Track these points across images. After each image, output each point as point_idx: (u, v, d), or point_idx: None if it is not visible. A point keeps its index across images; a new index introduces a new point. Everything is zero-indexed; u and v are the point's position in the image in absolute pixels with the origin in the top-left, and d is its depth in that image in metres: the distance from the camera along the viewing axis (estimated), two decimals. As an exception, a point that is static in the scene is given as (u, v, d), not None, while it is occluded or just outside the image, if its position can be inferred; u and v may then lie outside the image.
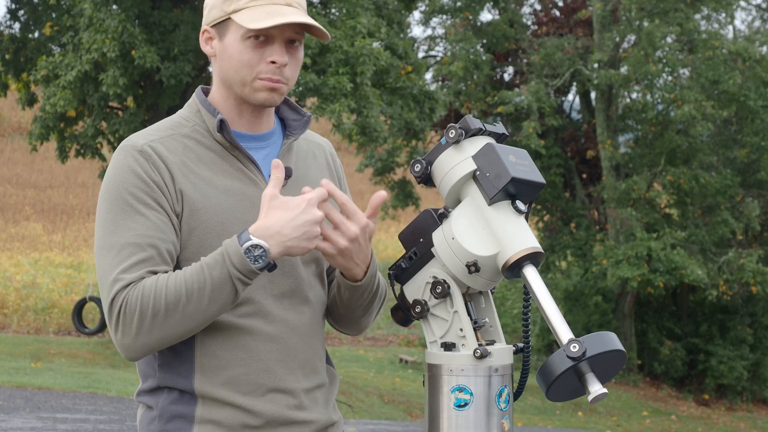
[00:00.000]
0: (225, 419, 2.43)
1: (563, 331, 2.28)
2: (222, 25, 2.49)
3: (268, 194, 2.35)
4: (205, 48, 2.53)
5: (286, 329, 2.48)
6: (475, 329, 2.40)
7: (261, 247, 2.32)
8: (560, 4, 26.10)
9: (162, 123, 2.54)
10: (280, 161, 2.40)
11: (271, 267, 2.36)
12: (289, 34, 2.47)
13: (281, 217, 2.33)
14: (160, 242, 2.39)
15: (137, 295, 2.33)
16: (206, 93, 2.57)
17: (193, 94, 2.57)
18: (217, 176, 2.47)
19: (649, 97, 23.95)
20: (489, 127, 2.47)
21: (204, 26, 2.53)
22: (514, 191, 2.38)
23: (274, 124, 2.59)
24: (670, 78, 24.21)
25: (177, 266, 2.44)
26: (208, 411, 2.44)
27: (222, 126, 2.48)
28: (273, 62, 2.46)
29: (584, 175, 25.92)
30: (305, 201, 2.34)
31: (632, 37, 24.09)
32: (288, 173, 2.52)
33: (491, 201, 2.37)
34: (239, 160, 2.50)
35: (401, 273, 2.48)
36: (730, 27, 26.62)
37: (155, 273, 2.37)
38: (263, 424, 2.45)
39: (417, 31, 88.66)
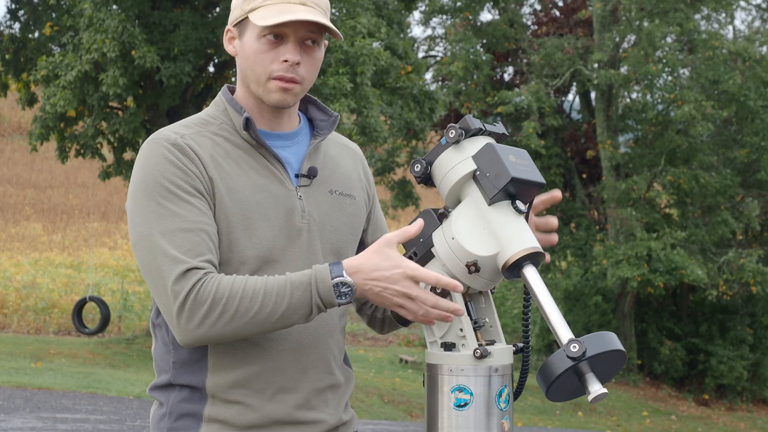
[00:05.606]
0: (232, 418, 2.44)
1: (563, 331, 2.28)
2: (241, 24, 2.52)
3: (386, 237, 2.36)
4: (228, 47, 2.56)
5: (299, 327, 2.48)
6: (475, 329, 2.40)
7: (350, 286, 2.33)
8: (560, 4, 26.09)
9: (189, 120, 2.55)
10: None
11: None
12: (303, 33, 2.48)
13: (377, 263, 2.33)
14: (209, 227, 2.40)
15: (212, 287, 2.33)
16: (232, 92, 2.60)
17: (219, 93, 2.59)
18: (244, 172, 2.48)
19: (649, 97, 23.93)
20: (489, 127, 2.47)
21: (228, 26, 2.57)
22: (514, 191, 2.38)
23: (299, 123, 2.61)
24: (670, 78, 24.19)
25: None
26: (216, 410, 2.44)
27: (248, 124, 2.50)
28: (285, 60, 2.47)
29: (584, 175, 25.91)
30: (407, 269, 2.32)
31: (632, 37, 24.08)
32: (313, 173, 2.54)
33: (491, 201, 2.37)
34: (265, 157, 2.52)
35: (401, 273, 2.47)
36: (730, 27, 26.63)
37: (211, 262, 2.37)
38: (270, 423, 2.45)
39: (417, 31, 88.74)
